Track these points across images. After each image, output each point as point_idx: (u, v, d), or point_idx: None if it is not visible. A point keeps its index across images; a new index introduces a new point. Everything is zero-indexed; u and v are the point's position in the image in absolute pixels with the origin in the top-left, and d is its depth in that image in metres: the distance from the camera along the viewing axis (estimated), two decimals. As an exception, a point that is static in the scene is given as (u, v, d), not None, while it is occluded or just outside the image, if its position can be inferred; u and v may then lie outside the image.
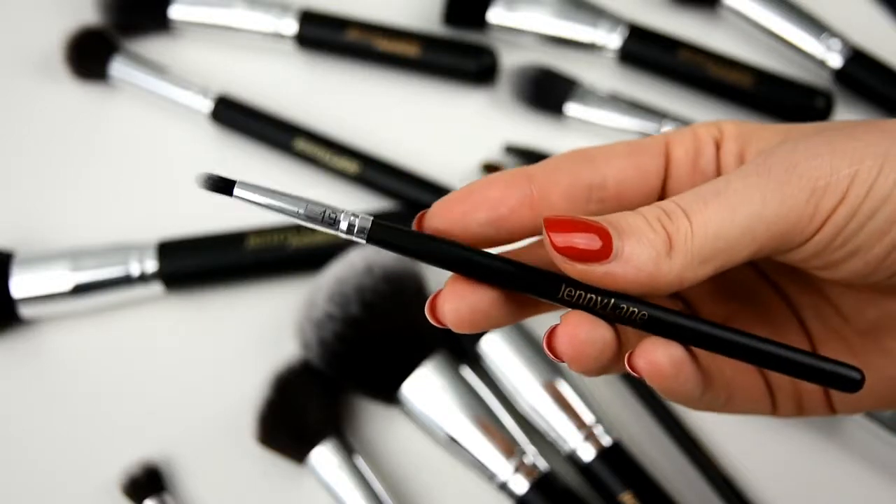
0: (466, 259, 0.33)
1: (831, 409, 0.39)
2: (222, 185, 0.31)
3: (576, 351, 0.33)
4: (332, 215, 0.32)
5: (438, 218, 0.35)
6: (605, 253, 0.32)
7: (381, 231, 0.32)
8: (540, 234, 0.36)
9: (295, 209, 0.32)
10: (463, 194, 0.35)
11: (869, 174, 0.32)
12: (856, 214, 0.33)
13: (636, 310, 0.33)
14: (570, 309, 0.34)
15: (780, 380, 0.38)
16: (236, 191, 0.31)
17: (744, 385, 0.37)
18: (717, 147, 0.38)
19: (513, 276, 0.33)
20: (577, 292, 0.33)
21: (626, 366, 0.34)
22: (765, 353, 0.33)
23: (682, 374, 0.33)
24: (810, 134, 0.35)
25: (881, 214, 0.33)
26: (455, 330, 0.34)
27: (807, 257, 0.34)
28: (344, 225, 0.32)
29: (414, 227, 0.35)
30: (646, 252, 0.32)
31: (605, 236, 0.32)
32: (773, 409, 0.39)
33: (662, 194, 0.38)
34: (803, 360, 0.33)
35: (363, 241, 0.32)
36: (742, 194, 0.33)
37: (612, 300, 0.33)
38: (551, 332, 0.34)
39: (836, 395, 0.38)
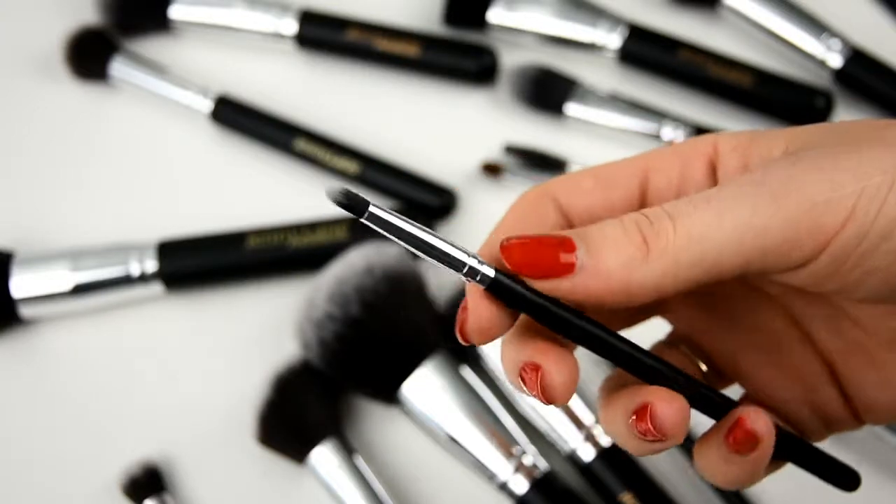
0: (589, 333, 0.32)
1: (859, 422, 0.37)
2: (353, 205, 0.29)
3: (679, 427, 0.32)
4: (458, 262, 0.30)
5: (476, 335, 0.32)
6: (568, 266, 0.31)
7: (500, 286, 0.31)
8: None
9: (421, 248, 0.30)
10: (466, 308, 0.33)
11: (878, 191, 0.30)
12: (868, 234, 0.30)
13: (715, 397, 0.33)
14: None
15: (799, 413, 0.37)
16: (368, 212, 0.29)
17: None
18: (713, 166, 0.35)
19: (628, 359, 0.32)
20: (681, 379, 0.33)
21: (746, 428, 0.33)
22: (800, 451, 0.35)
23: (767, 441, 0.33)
24: (814, 142, 0.33)
25: None
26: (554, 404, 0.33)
27: (818, 280, 0.32)
28: (466, 271, 0.30)
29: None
30: (615, 259, 0.30)
31: (568, 247, 0.31)
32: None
33: None
34: (824, 458, 0.35)
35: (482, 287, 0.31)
36: (733, 201, 0.31)
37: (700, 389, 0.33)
38: (648, 413, 0.32)
39: (863, 408, 0.36)
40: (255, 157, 0.69)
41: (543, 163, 0.67)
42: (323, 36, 0.71)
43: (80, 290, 0.62)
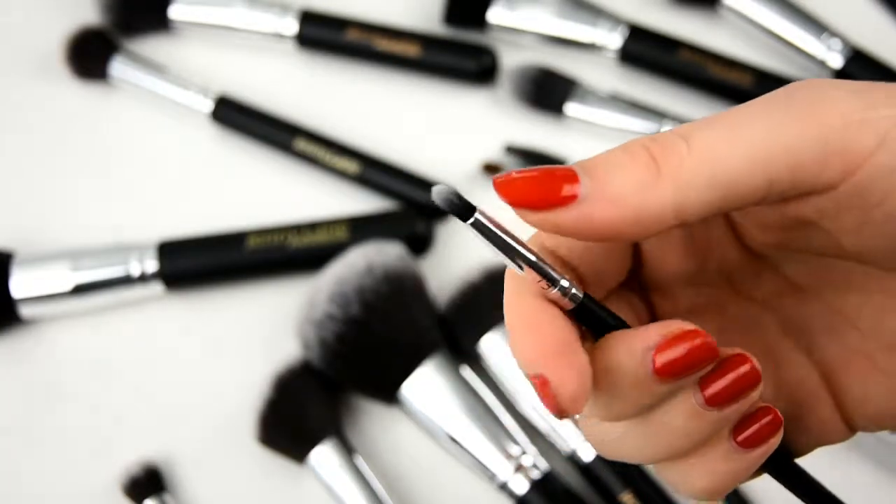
0: None
1: (851, 431, 0.34)
2: (460, 208, 0.28)
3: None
4: (553, 279, 0.29)
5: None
6: (570, 197, 0.27)
7: (587, 309, 0.30)
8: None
9: (519, 263, 0.28)
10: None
11: None
12: None
13: None
14: None
15: (788, 433, 0.34)
16: (473, 218, 0.28)
17: None
18: None
19: None
20: None
21: None
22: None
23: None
24: None
25: None
26: None
27: (839, 209, 0.29)
28: (557, 290, 0.29)
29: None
30: (622, 183, 0.27)
31: (571, 178, 0.28)
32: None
33: (640, 267, 0.33)
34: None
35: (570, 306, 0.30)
36: (755, 116, 0.28)
37: None
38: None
39: (865, 418, 0.34)
40: (255, 157, 0.69)
41: (543, 163, 0.67)
42: (323, 36, 0.71)
43: (80, 290, 0.62)
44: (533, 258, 0.28)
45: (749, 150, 0.27)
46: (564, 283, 0.29)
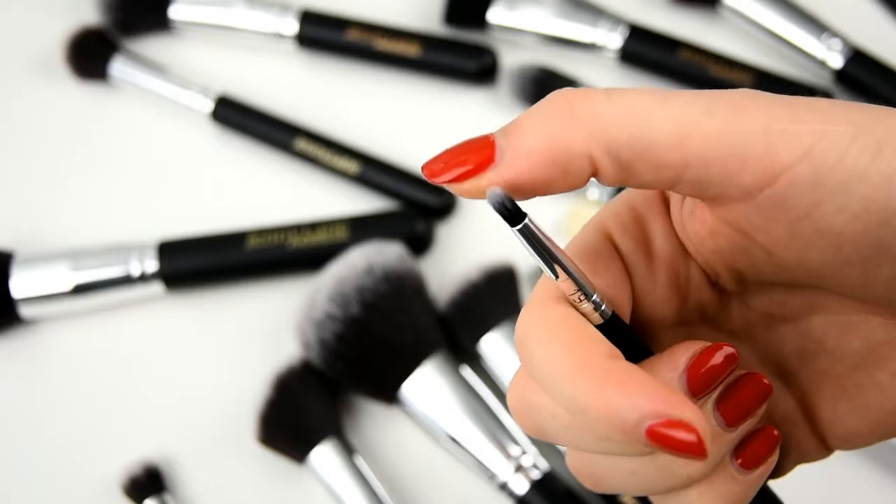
0: None
1: (827, 451, 0.35)
2: (511, 214, 0.28)
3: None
4: (587, 291, 0.29)
5: None
6: (488, 159, 0.28)
7: (612, 326, 0.30)
8: None
9: (558, 271, 0.29)
10: None
11: (840, 139, 0.27)
12: (823, 183, 0.27)
13: None
14: None
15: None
16: (521, 225, 0.28)
17: None
18: (665, 203, 0.32)
19: None
20: None
21: None
22: None
23: None
24: None
25: (856, 194, 0.27)
26: None
27: (763, 219, 0.28)
28: (589, 305, 0.29)
29: None
30: (536, 131, 0.28)
31: (485, 142, 0.28)
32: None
33: (633, 313, 0.33)
34: None
35: (600, 321, 0.30)
36: (683, 97, 0.28)
37: None
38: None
39: (838, 439, 0.34)
40: (255, 157, 0.69)
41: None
42: (323, 36, 0.71)
43: (81, 290, 0.62)
44: (572, 268, 0.29)
45: (667, 122, 0.27)
46: (596, 298, 0.29)
